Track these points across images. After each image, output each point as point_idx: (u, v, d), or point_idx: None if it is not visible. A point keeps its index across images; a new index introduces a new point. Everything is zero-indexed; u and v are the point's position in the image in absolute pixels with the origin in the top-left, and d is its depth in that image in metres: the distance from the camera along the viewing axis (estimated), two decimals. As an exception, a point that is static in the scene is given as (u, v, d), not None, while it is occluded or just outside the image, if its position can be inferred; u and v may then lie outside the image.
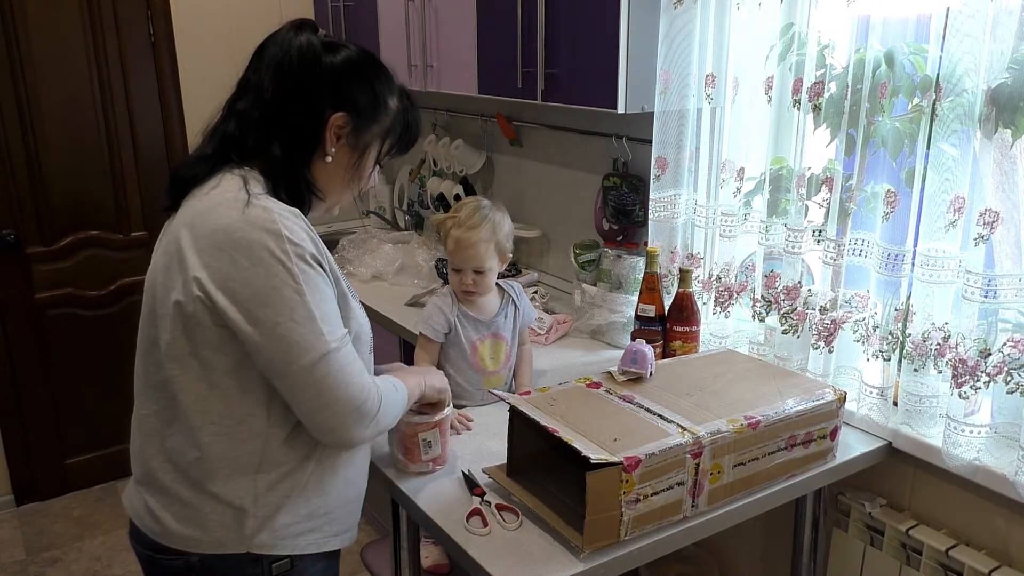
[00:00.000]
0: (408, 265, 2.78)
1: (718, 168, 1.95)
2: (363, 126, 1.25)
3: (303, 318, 1.12)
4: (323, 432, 1.20)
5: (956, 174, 1.46)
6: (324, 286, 1.17)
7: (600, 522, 1.26)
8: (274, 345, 1.13)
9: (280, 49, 1.20)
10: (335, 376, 1.15)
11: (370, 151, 1.28)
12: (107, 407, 3.25)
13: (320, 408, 1.16)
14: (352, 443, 1.24)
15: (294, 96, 1.20)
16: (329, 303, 1.17)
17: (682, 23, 1.89)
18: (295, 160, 1.22)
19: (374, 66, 1.27)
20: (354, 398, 1.17)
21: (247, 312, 1.12)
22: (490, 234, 1.71)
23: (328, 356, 1.14)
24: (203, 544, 1.22)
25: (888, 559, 1.67)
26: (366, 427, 1.21)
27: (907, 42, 1.54)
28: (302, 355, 1.13)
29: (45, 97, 2.93)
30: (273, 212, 1.13)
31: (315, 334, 1.13)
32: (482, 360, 1.79)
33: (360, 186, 1.31)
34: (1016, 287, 1.43)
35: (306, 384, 1.14)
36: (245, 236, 1.11)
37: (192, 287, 1.13)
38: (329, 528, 1.30)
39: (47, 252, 3.06)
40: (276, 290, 1.11)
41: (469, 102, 2.83)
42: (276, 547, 1.24)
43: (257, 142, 1.20)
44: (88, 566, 2.85)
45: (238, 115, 1.22)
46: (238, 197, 1.14)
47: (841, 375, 1.75)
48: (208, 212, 1.15)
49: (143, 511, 1.26)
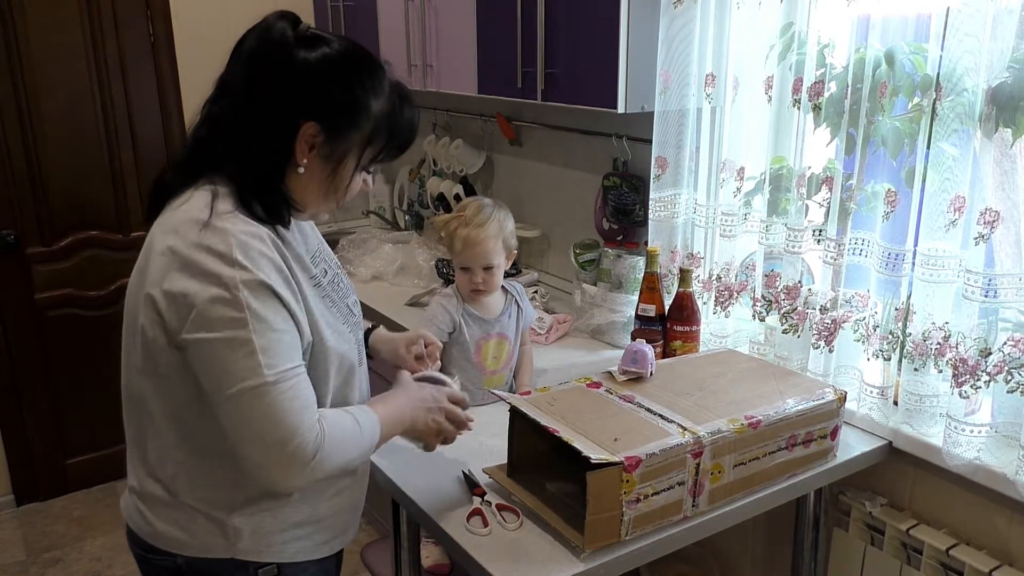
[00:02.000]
0: (408, 265, 2.78)
1: (718, 168, 1.94)
2: (338, 135, 1.14)
3: (239, 347, 1.05)
4: (250, 469, 1.11)
5: (956, 173, 1.46)
6: (275, 316, 1.08)
7: (601, 522, 1.26)
8: (207, 369, 1.08)
9: (254, 43, 1.13)
10: (263, 411, 1.06)
11: (347, 161, 1.17)
12: (107, 407, 3.22)
13: (245, 441, 1.08)
14: (280, 487, 1.13)
15: (263, 100, 1.11)
16: (277, 333, 1.08)
17: (682, 23, 1.89)
18: (267, 170, 1.14)
19: (357, 64, 1.15)
20: (282, 439, 1.07)
21: (189, 331, 1.07)
22: (497, 230, 1.73)
23: (259, 389, 1.06)
24: (188, 547, 1.21)
25: (889, 558, 1.67)
26: (298, 472, 1.09)
27: (907, 41, 1.54)
28: (231, 384, 1.06)
29: (45, 97, 2.93)
30: (229, 235, 1.07)
31: (249, 365, 1.05)
32: (485, 359, 1.80)
33: (338, 197, 1.20)
34: (1016, 286, 1.43)
35: (233, 414, 1.08)
36: (196, 260, 1.06)
37: (148, 308, 1.10)
38: (319, 536, 1.28)
39: (47, 252, 3.06)
40: (219, 316, 1.05)
41: (469, 102, 2.83)
42: (262, 554, 1.22)
43: (227, 150, 1.13)
44: (89, 566, 2.85)
45: (212, 119, 1.16)
46: (199, 218, 1.08)
47: (841, 375, 1.75)
48: (171, 232, 1.10)
49: (135, 513, 1.26)
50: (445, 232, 1.76)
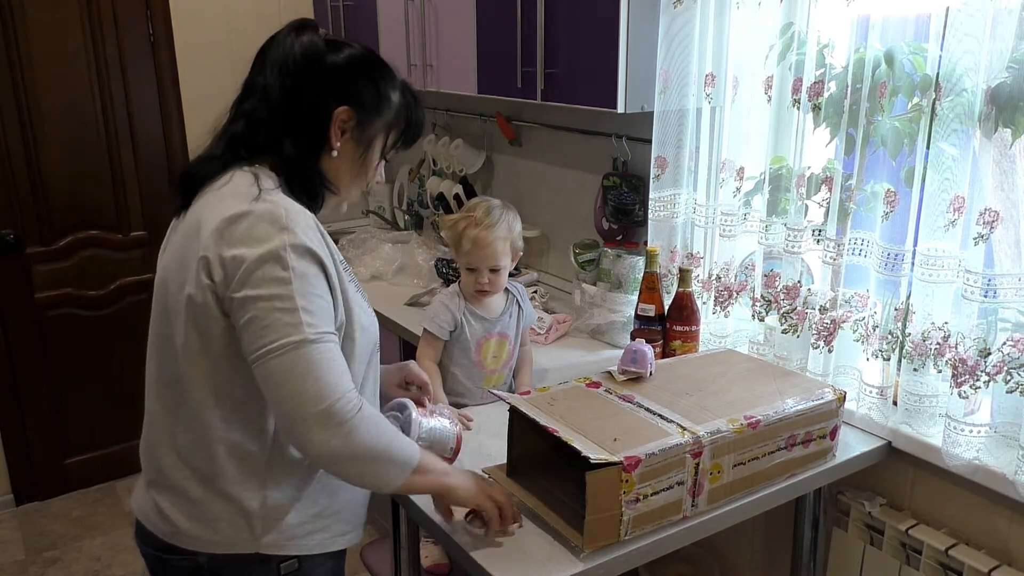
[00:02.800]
0: (408, 265, 2.78)
1: (718, 167, 1.95)
2: (367, 120, 1.26)
3: (284, 303, 1.10)
4: (286, 429, 1.14)
5: (956, 173, 1.46)
6: (317, 281, 1.15)
7: (600, 522, 1.26)
8: (251, 326, 1.11)
9: (283, 50, 1.22)
10: (304, 366, 1.09)
11: (375, 144, 1.30)
12: (107, 407, 3.24)
13: (283, 398, 1.10)
14: (314, 447, 1.10)
15: (299, 94, 1.21)
16: (318, 298, 1.14)
17: (682, 22, 1.89)
18: (304, 155, 1.23)
19: (376, 63, 1.29)
20: (321, 395, 1.09)
21: (235, 290, 1.12)
22: (507, 232, 1.74)
23: (301, 345, 1.09)
24: (212, 544, 1.22)
25: (888, 558, 1.67)
26: (332, 433, 1.09)
27: (907, 41, 1.54)
28: (273, 338, 1.10)
29: (45, 97, 2.93)
30: (280, 207, 1.14)
31: (292, 321, 1.10)
32: (485, 358, 1.81)
33: (367, 179, 1.33)
34: (1016, 286, 1.43)
35: (273, 369, 1.10)
36: (250, 225, 1.12)
37: (200, 273, 1.14)
38: (337, 527, 1.31)
39: (47, 252, 3.06)
40: (265, 273, 1.11)
41: (469, 102, 2.83)
42: (284, 547, 1.24)
43: (267, 139, 1.22)
44: (88, 566, 2.84)
45: (246, 115, 1.23)
46: (249, 191, 1.16)
47: (841, 375, 1.75)
48: (219, 204, 1.16)
49: (152, 511, 1.26)
50: (452, 232, 1.76)
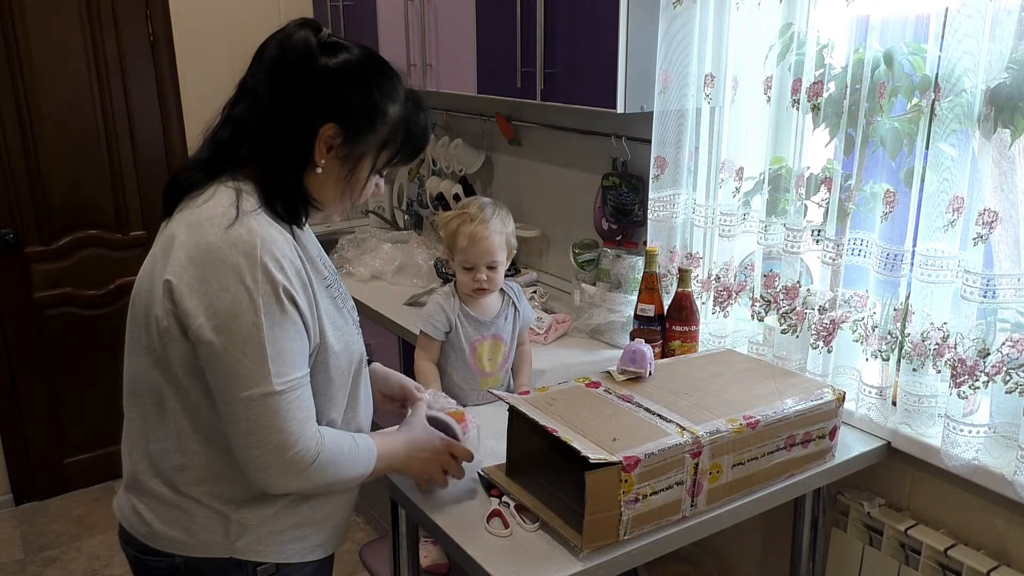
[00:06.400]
0: (407, 265, 2.78)
1: (717, 168, 1.95)
2: (357, 137, 1.18)
3: (253, 353, 1.09)
4: (250, 471, 1.15)
5: (955, 174, 1.46)
6: (289, 324, 1.12)
7: (599, 522, 1.26)
8: (218, 370, 1.10)
9: (277, 50, 1.16)
10: (269, 419, 1.11)
11: (363, 163, 1.21)
12: (106, 407, 3.21)
13: (249, 445, 1.12)
14: (273, 488, 1.16)
15: (287, 102, 1.15)
16: (289, 342, 1.12)
17: (681, 23, 1.89)
18: (288, 170, 1.17)
19: (375, 71, 1.20)
20: (284, 445, 1.12)
21: (203, 329, 1.09)
22: (501, 227, 1.74)
23: (268, 397, 1.10)
24: (187, 547, 1.22)
25: (887, 559, 1.67)
26: (292, 478, 1.14)
27: (906, 42, 1.54)
28: (241, 388, 1.10)
29: (44, 97, 2.93)
30: (256, 235, 1.10)
31: (261, 372, 1.09)
32: (480, 361, 1.79)
33: (353, 198, 1.25)
34: (1015, 287, 1.43)
35: (240, 417, 1.11)
36: (222, 257, 1.09)
37: (164, 297, 1.11)
38: (316, 537, 1.29)
39: (46, 251, 3.06)
40: (235, 318, 1.08)
41: (468, 101, 2.83)
42: (261, 554, 1.23)
43: (250, 150, 1.16)
44: (87, 565, 2.84)
45: (234, 120, 1.18)
46: (227, 213, 1.11)
47: (840, 375, 1.75)
48: (196, 226, 1.12)
49: (130, 513, 1.26)
50: (447, 230, 1.75)
